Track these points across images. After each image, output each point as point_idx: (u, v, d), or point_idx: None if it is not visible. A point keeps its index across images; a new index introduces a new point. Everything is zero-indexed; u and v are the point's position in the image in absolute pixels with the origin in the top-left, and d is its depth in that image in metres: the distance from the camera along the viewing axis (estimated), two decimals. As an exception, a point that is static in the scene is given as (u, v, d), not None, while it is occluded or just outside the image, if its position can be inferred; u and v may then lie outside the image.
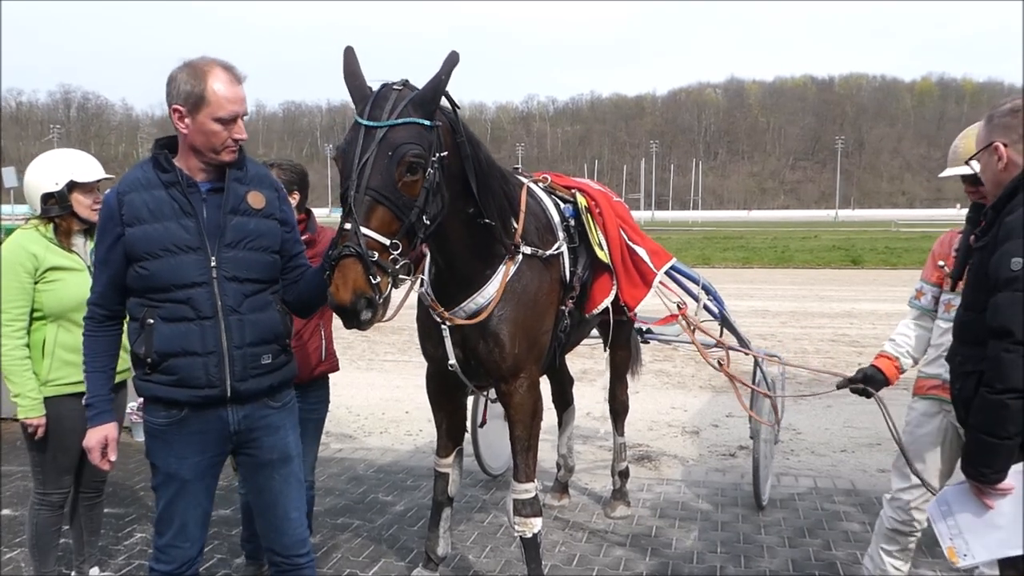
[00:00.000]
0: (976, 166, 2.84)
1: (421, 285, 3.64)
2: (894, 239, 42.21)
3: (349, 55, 3.03)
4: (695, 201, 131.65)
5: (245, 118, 2.73)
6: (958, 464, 3.30)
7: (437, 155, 2.94)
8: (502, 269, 3.54)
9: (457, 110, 3.18)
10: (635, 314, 4.36)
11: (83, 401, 2.85)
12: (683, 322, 4.68)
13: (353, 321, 2.70)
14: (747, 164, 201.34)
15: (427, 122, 2.90)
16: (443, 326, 3.56)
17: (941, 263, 3.49)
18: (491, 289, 3.50)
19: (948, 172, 3.39)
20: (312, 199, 4.13)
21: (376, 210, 2.77)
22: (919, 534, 3.48)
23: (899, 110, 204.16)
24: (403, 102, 2.89)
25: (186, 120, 2.66)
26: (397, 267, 2.79)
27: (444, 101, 3.07)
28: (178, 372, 2.67)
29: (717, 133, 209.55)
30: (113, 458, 2.86)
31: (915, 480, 3.37)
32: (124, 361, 3.48)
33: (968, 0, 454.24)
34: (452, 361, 3.60)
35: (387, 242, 2.76)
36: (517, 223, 3.61)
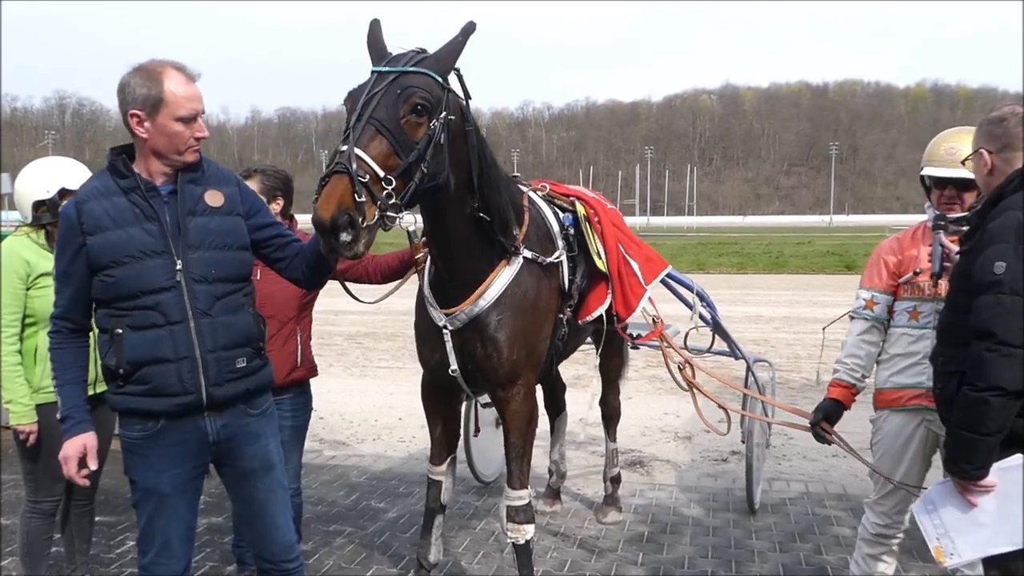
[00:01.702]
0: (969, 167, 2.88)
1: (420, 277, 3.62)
2: (888, 244, 42.23)
3: (375, 26, 3.11)
4: (690, 207, 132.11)
5: (204, 116, 2.72)
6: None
7: (444, 114, 2.95)
8: (503, 270, 3.51)
9: (469, 100, 3.20)
10: (625, 325, 4.34)
11: (57, 415, 2.78)
12: (658, 339, 4.64)
13: (332, 240, 2.62)
14: (742, 170, 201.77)
15: (439, 78, 2.95)
16: (444, 331, 3.55)
17: (919, 270, 3.37)
18: (492, 292, 3.49)
19: (954, 173, 3.25)
20: (307, 206, 4.15)
21: (375, 139, 2.76)
22: (902, 535, 3.49)
23: (893, 116, 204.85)
24: (417, 57, 2.97)
25: (145, 124, 2.64)
26: (389, 201, 2.74)
27: (458, 88, 3.12)
28: (151, 381, 2.63)
29: (712, 139, 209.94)
30: (93, 466, 2.78)
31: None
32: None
33: (963, 1, 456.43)
34: (454, 367, 3.58)
35: (382, 173, 2.72)
36: (520, 227, 3.62)
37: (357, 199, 2.62)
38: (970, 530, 2.49)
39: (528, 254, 3.62)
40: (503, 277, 3.52)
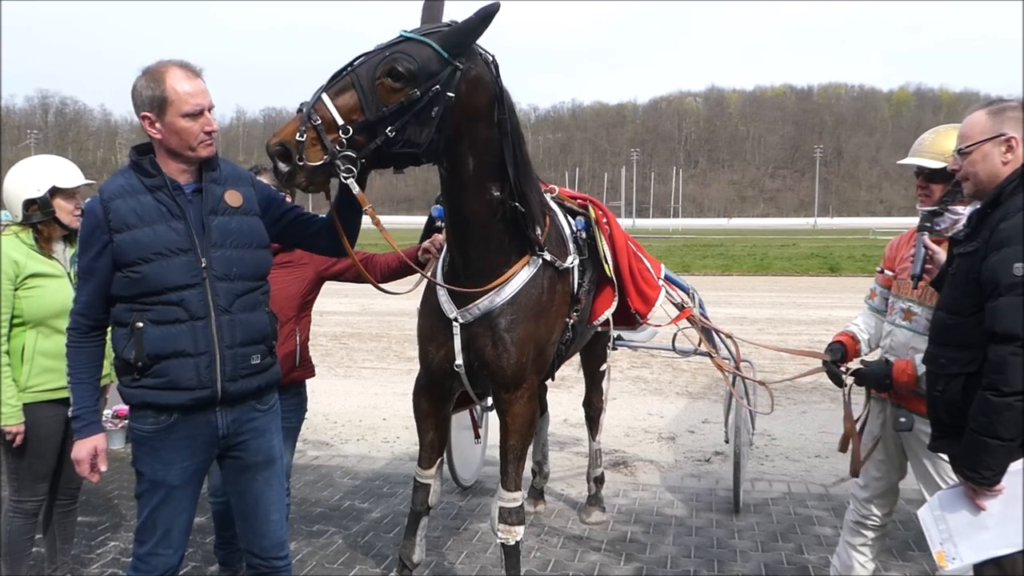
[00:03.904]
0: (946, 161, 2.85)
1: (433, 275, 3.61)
2: (872, 247, 42.57)
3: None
4: (675, 209, 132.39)
5: (213, 111, 2.76)
6: (912, 464, 3.37)
7: (438, 88, 2.92)
8: (522, 268, 3.50)
9: (502, 88, 3.19)
10: (647, 320, 4.43)
11: (69, 413, 2.84)
12: (688, 320, 4.78)
13: (274, 170, 2.77)
14: (727, 172, 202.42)
15: (443, 52, 2.93)
16: (454, 324, 3.51)
17: (880, 269, 3.55)
18: (509, 289, 3.47)
19: (913, 161, 3.31)
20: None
21: (347, 91, 2.82)
22: (880, 531, 3.52)
23: (877, 119, 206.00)
24: (436, 28, 2.99)
25: (156, 125, 2.69)
26: (339, 151, 2.77)
27: (497, 76, 3.15)
28: (169, 374, 2.68)
29: (697, 141, 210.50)
30: (103, 468, 2.84)
31: (873, 474, 3.43)
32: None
33: (948, 2, 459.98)
34: (459, 362, 3.55)
35: (340, 122, 2.78)
36: (544, 228, 3.62)
37: (298, 137, 2.71)
38: (974, 533, 2.47)
39: (548, 256, 3.61)
40: (522, 276, 3.51)
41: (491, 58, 3.16)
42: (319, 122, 2.74)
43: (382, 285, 3.60)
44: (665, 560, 4.62)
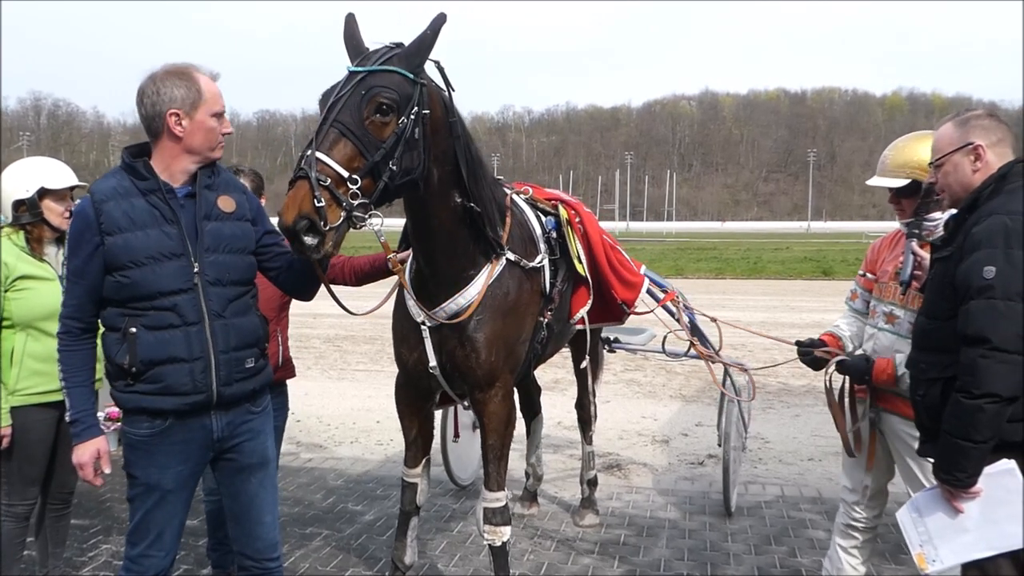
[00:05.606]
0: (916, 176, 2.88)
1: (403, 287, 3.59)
2: (864, 250, 42.63)
3: (350, 20, 3.12)
4: (669, 212, 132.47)
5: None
6: (898, 466, 3.38)
7: (416, 109, 2.96)
8: (486, 270, 3.52)
9: (452, 91, 3.21)
10: (634, 308, 4.49)
11: (67, 417, 2.79)
12: (671, 306, 4.90)
13: (297, 245, 2.69)
14: (721, 176, 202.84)
15: (409, 74, 2.95)
16: (423, 327, 3.54)
17: (862, 272, 3.59)
18: (473, 290, 3.48)
19: (878, 182, 3.38)
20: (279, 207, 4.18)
21: (339, 142, 2.80)
22: (870, 533, 3.53)
23: (870, 124, 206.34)
24: (389, 54, 2.98)
25: (184, 122, 2.68)
26: (355, 203, 2.77)
27: (440, 79, 3.15)
28: (164, 380, 2.67)
29: (691, 145, 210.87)
30: (107, 470, 2.82)
31: (860, 477, 3.44)
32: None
33: (949, 2, 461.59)
34: (433, 363, 3.57)
35: (345, 174, 2.76)
36: (503, 227, 3.63)
37: (317, 204, 2.67)
38: (954, 536, 2.49)
39: (511, 256, 3.62)
40: (483, 277, 3.52)
41: (436, 62, 3.14)
42: (328, 181, 2.72)
43: (356, 290, 3.61)
44: (658, 563, 4.62)
